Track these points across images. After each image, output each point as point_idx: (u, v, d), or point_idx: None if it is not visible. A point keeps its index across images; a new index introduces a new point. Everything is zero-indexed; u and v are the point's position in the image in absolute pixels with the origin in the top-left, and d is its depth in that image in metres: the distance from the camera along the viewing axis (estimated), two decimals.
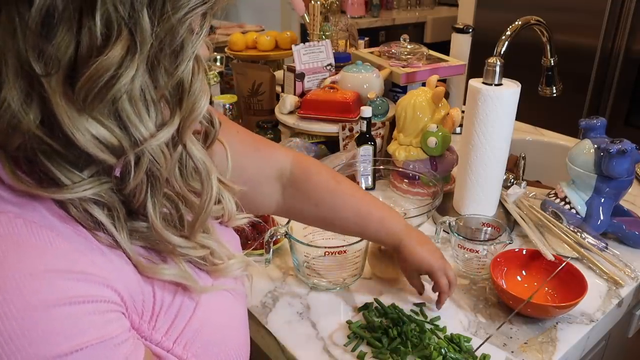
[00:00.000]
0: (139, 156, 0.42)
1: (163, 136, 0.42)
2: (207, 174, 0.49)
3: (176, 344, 0.47)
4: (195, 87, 0.44)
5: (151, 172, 0.44)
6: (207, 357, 0.50)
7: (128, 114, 0.40)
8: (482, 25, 2.31)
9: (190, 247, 0.50)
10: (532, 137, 1.57)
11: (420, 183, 1.15)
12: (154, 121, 0.42)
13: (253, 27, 3.10)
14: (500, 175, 1.03)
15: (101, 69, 0.37)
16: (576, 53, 2.22)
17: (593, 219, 1.01)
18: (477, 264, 0.92)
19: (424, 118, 1.16)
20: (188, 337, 0.48)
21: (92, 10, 0.36)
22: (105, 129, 0.39)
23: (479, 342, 0.78)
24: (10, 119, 0.38)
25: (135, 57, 0.38)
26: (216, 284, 0.54)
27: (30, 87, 0.38)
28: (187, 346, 0.48)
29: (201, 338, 0.50)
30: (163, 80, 0.42)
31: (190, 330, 0.49)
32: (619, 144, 0.94)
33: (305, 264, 0.89)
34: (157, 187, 0.45)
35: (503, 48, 1.03)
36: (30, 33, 0.36)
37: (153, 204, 0.45)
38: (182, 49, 0.41)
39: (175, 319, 0.48)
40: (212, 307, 0.52)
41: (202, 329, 0.50)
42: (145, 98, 0.41)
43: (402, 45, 1.45)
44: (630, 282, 0.90)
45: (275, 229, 0.88)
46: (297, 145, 1.27)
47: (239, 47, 1.66)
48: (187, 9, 0.40)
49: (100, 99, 0.38)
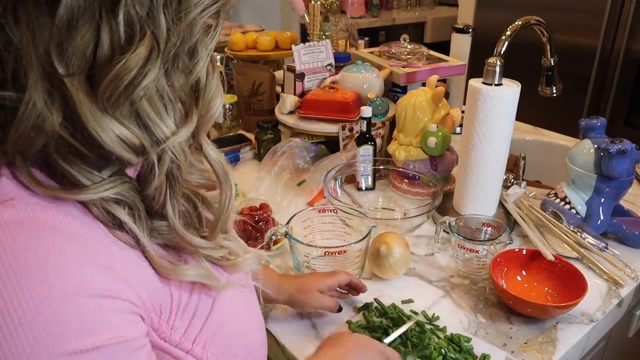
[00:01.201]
0: (160, 155, 0.42)
1: (184, 134, 0.43)
2: (224, 174, 0.49)
3: (195, 344, 0.46)
4: (211, 86, 0.44)
5: (171, 173, 0.44)
6: (225, 356, 0.49)
7: (148, 113, 0.41)
8: (482, 25, 2.31)
9: (211, 248, 0.49)
10: (532, 137, 1.57)
11: (420, 183, 1.15)
12: (173, 120, 0.42)
13: (253, 27, 3.09)
14: (500, 175, 1.03)
15: (127, 68, 0.38)
16: (576, 53, 2.22)
17: (593, 219, 1.01)
18: (477, 264, 0.92)
19: (424, 118, 1.16)
20: (207, 336, 0.47)
21: (113, 10, 0.37)
22: (126, 129, 0.40)
23: (479, 342, 0.78)
24: (34, 119, 0.38)
25: (158, 56, 0.39)
26: (231, 280, 0.53)
27: (52, 87, 0.38)
28: (207, 346, 0.47)
29: (220, 336, 0.49)
30: (181, 80, 0.42)
31: (209, 328, 0.48)
32: (619, 144, 0.94)
33: (305, 264, 0.89)
34: (175, 188, 0.45)
35: (503, 48, 1.03)
36: (56, 33, 0.36)
37: (172, 205, 0.45)
38: (197, 49, 0.42)
39: (193, 318, 0.47)
40: (229, 304, 0.51)
41: (221, 326, 0.49)
42: (163, 98, 0.41)
43: (402, 45, 1.45)
44: (630, 282, 0.90)
45: (276, 229, 0.88)
46: (297, 145, 1.27)
47: (239, 47, 1.66)
48: (201, 7, 0.41)
49: (125, 97, 0.39)
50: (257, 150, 1.40)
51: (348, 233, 0.99)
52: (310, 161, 1.27)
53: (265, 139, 1.36)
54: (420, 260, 0.98)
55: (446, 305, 0.86)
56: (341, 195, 1.17)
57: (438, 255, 0.99)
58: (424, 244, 1.03)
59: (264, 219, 1.00)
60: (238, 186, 1.24)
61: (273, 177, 1.22)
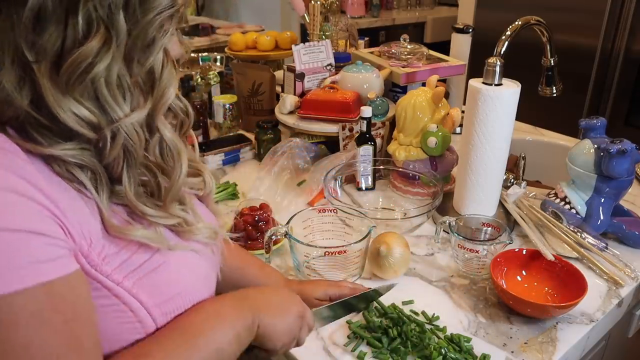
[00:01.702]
0: (115, 133, 0.50)
1: (135, 117, 0.51)
2: (177, 153, 0.57)
3: (126, 279, 0.52)
4: (164, 76, 0.52)
5: (127, 149, 0.52)
6: (158, 297, 0.54)
7: (105, 97, 0.49)
8: (482, 25, 2.31)
9: (161, 217, 0.56)
10: (532, 137, 1.57)
11: (420, 183, 1.15)
12: (129, 104, 0.51)
13: (253, 27, 3.10)
14: (500, 175, 1.03)
15: (80, 57, 0.46)
16: (576, 53, 2.22)
17: (593, 219, 1.01)
18: (477, 264, 0.92)
19: (424, 118, 1.16)
20: (140, 275, 0.53)
21: (75, 11, 0.45)
22: (84, 109, 0.48)
23: (479, 342, 0.78)
24: (5, 97, 0.46)
25: (110, 49, 0.47)
26: (184, 244, 0.59)
27: (23, 72, 0.46)
28: (138, 283, 0.53)
29: (155, 279, 0.54)
30: (136, 70, 0.50)
31: (145, 269, 0.53)
32: (619, 144, 0.94)
33: (305, 264, 0.89)
34: (132, 162, 0.53)
35: (503, 48, 1.03)
36: (24, 28, 0.45)
37: (128, 177, 0.53)
38: (152, 44, 0.50)
39: (131, 257, 0.53)
40: (174, 258, 0.57)
41: (158, 271, 0.55)
42: (121, 85, 0.50)
43: (402, 45, 1.45)
44: (630, 282, 0.90)
45: (276, 229, 0.88)
46: (297, 145, 1.27)
47: (239, 47, 1.66)
48: (155, 12, 0.49)
49: (79, 82, 0.47)
50: (257, 150, 1.40)
51: (348, 233, 0.99)
52: (310, 161, 1.27)
53: (265, 139, 1.36)
54: (420, 260, 0.98)
55: (446, 305, 0.86)
56: (341, 195, 1.17)
57: (438, 255, 1.00)
58: (424, 244, 1.03)
59: (264, 219, 1.00)
60: (238, 186, 1.24)
61: (273, 177, 1.22)
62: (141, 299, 0.53)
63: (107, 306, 0.51)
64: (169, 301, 0.56)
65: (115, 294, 0.51)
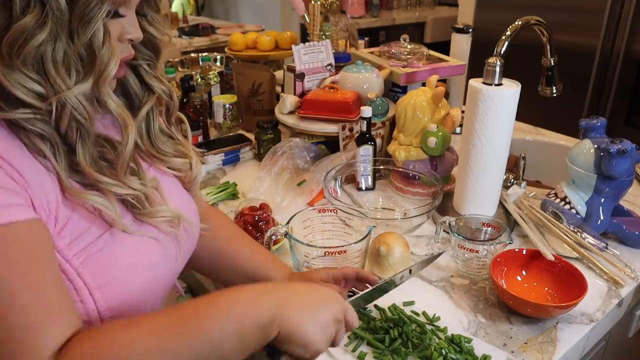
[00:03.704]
0: (63, 104, 0.54)
1: (77, 90, 0.55)
2: (124, 124, 0.60)
3: (75, 257, 0.55)
4: (104, 52, 0.55)
5: (77, 120, 0.56)
6: (100, 279, 0.57)
7: (49, 70, 0.53)
8: (482, 25, 2.31)
9: (115, 185, 0.59)
10: (532, 137, 1.57)
11: (420, 183, 1.15)
12: (73, 78, 0.55)
13: (253, 27, 3.10)
14: (500, 175, 1.03)
15: (17, 32, 0.51)
16: (576, 53, 2.22)
17: (593, 219, 1.01)
18: (477, 264, 0.92)
19: (424, 118, 1.16)
20: (87, 254, 0.56)
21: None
22: (31, 80, 0.53)
23: (479, 342, 0.78)
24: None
25: (46, 24, 0.51)
26: (139, 229, 0.62)
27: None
28: (85, 262, 0.56)
29: (101, 259, 0.57)
30: (77, 45, 0.54)
31: (93, 249, 0.57)
32: (619, 144, 0.94)
33: (305, 264, 0.89)
34: (84, 134, 0.57)
35: (503, 48, 1.03)
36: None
37: (82, 147, 0.57)
38: (90, 21, 0.53)
39: (81, 235, 0.56)
40: (125, 241, 0.60)
41: (104, 251, 0.57)
42: (64, 59, 0.54)
43: (402, 45, 1.45)
44: (630, 282, 0.90)
45: (276, 229, 0.88)
46: (297, 145, 1.27)
47: (239, 47, 1.66)
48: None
49: (18, 55, 0.52)
50: (257, 150, 1.40)
51: (348, 233, 0.99)
52: (310, 161, 1.27)
53: (265, 139, 1.36)
54: (420, 260, 0.98)
55: (446, 305, 0.86)
56: (341, 195, 1.17)
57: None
58: (424, 244, 1.03)
59: (264, 219, 1.00)
60: (238, 186, 1.24)
61: (273, 177, 1.22)
62: (85, 279, 0.56)
63: None
64: (110, 284, 0.57)
65: (63, 270, 0.55)
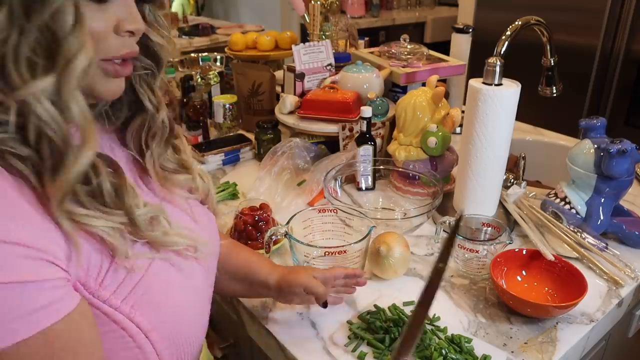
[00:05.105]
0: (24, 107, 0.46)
1: (34, 86, 0.46)
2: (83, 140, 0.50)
3: (124, 303, 0.52)
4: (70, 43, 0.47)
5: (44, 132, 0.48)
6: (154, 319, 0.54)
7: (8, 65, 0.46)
8: (482, 25, 2.31)
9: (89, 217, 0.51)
10: (532, 137, 1.57)
11: (420, 183, 1.15)
12: (36, 74, 0.46)
13: (253, 27, 3.10)
14: (500, 175, 1.03)
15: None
16: (576, 53, 2.22)
17: (593, 219, 1.01)
18: (477, 264, 0.92)
19: (424, 118, 1.16)
20: (136, 298, 0.53)
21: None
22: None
23: (479, 342, 0.78)
24: None
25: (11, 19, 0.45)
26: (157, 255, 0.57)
27: None
28: (136, 306, 0.53)
29: (149, 301, 0.54)
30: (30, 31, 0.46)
31: (139, 292, 0.53)
32: (619, 144, 0.94)
33: (305, 264, 0.89)
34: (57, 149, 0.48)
35: (503, 48, 1.03)
36: None
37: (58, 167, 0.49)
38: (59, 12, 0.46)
39: (124, 280, 0.52)
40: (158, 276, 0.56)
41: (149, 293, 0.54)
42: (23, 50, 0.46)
43: (402, 45, 1.45)
44: (630, 282, 0.90)
45: (276, 229, 0.88)
46: (297, 145, 1.27)
47: (239, 47, 1.66)
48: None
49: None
50: (257, 150, 1.40)
51: (348, 233, 0.99)
52: (310, 161, 1.27)
53: (265, 139, 1.36)
54: (420, 260, 0.98)
55: (446, 305, 0.86)
56: (341, 195, 1.17)
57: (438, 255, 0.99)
58: (424, 244, 1.03)
59: (264, 219, 1.00)
60: (238, 186, 1.24)
61: (273, 177, 1.22)
62: (139, 323, 0.53)
63: (106, 333, 0.51)
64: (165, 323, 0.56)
65: (113, 320, 0.51)
